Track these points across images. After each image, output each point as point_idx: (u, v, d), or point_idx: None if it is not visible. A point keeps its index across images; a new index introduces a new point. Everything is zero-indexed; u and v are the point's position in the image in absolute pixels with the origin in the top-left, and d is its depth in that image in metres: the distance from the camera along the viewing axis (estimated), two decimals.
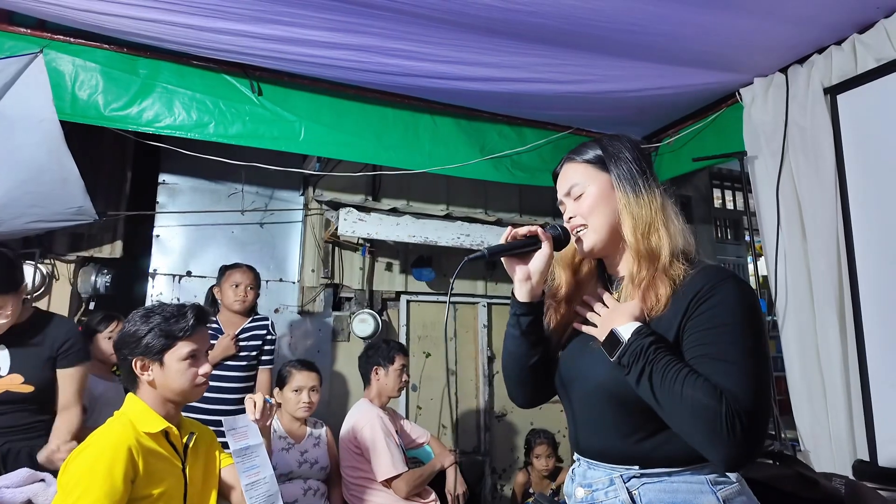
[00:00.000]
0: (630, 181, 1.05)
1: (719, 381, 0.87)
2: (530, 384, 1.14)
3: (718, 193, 4.94)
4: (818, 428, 2.19)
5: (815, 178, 2.24)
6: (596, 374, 1.02)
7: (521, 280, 1.06)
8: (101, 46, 2.27)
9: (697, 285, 0.94)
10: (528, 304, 1.07)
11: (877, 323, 2.02)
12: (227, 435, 1.49)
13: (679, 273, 0.98)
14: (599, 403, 1.02)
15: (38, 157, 2.24)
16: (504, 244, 1.05)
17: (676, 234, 1.03)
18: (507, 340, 1.14)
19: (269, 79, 2.52)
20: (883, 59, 2.04)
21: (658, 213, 1.03)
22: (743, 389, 0.86)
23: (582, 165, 1.09)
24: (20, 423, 1.76)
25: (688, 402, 0.87)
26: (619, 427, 0.99)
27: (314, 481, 2.33)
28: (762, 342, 0.92)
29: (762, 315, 0.96)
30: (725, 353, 0.89)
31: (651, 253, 1.00)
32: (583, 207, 1.07)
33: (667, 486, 0.95)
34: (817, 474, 1.39)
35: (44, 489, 1.45)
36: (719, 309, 0.92)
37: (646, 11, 1.97)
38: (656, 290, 0.98)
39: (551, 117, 3.02)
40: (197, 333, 1.41)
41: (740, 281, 0.96)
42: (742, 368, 0.88)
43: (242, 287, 2.53)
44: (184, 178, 3.09)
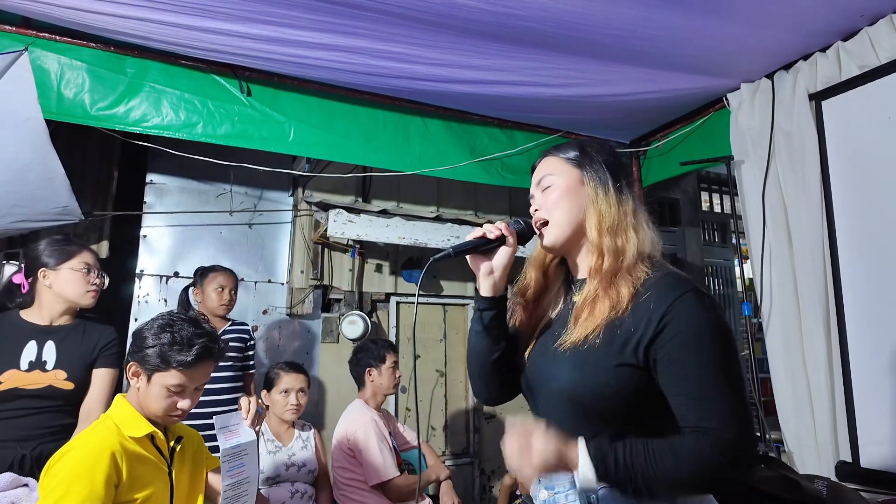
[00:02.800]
0: (601, 180, 1.06)
1: (704, 423, 0.89)
2: (493, 380, 1.15)
3: (706, 196, 4.99)
4: (802, 430, 2.22)
5: (800, 183, 2.27)
6: (557, 379, 1.02)
7: (485, 275, 1.07)
8: (88, 45, 2.24)
9: (660, 303, 0.94)
10: (490, 298, 1.08)
11: (860, 326, 2.05)
12: (218, 433, 1.48)
13: (641, 275, 0.99)
14: (560, 408, 1.02)
15: (22, 156, 2.21)
16: (469, 242, 1.06)
17: (645, 240, 1.04)
18: (470, 336, 1.14)
19: (258, 79, 2.50)
20: (866, 67, 2.08)
21: (627, 215, 1.04)
22: (728, 426, 0.88)
23: (558, 160, 1.10)
24: (53, 425, 1.75)
25: (691, 479, 0.89)
26: (579, 432, 0.97)
27: (302, 484, 2.32)
28: (734, 360, 0.93)
29: (727, 326, 0.96)
30: (704, 390, 0.90)
31: (616, 250, 1.01)
32: (549, 200, 1.08)
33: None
34: (800, 476, 1.41)
35: (27, 494, 1.43)
36: (687, 335, 0.92)
37: (634, 16, 1.99)
38: (618, 289, 0.98)
39: (541, 120, 3.04)
40: (193, 369, 1.37)
41: (700, 294, 0.96)
42: (722, 403, 0.90)
43: (227, 290, 2.50)
44: (171, 177, 3.06)
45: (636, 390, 0.95)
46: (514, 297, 1.18)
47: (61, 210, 2.50)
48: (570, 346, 1.00)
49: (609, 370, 0.95)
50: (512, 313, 1.17)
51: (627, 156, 3.29)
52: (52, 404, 1.76)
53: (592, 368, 0.96)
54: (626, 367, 0.95)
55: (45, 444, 1.72)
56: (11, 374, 1.71)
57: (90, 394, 1.81)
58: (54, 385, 1.75)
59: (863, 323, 2.04)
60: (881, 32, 2.04)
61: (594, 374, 0.96)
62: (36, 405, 1.74)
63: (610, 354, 0.95)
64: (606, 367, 0.95)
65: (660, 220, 4.45)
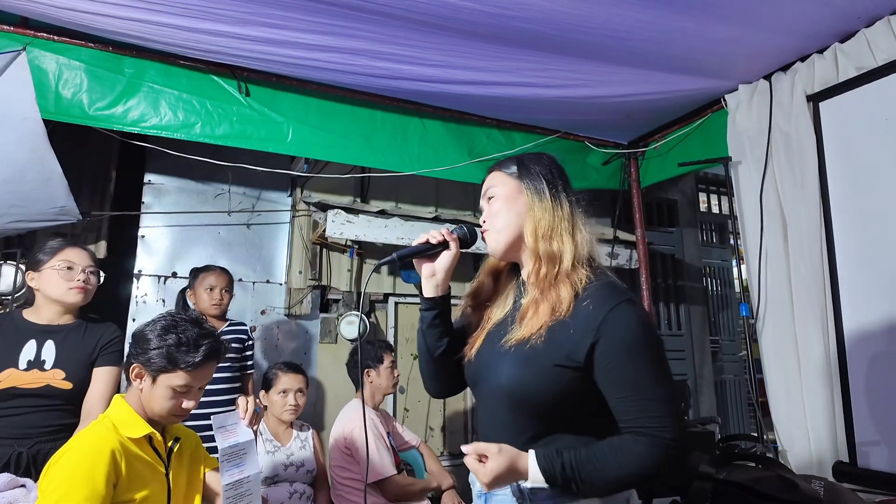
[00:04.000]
0: (537, 188, 1.13)
1: (641, 423, 0.98)
2: (439, 376, 1.24)
3: (704, 197, 5.00)
4: (798, 430, 2.23)
5: (797, 184, 2.28)
6: (497, 376, 1.09)
7: (428, 277, 1.16)
8: (86, 45, 2.24)
9: (597, 311, 1.00)
10: (432, 299, 1.17)
11: (856, 327, 2.06)
12: (216, 433, 1.48)
13: (581, 278, 1.05)
14: (499, 404, 1.09)
15: (20, 156, 2.21)
16: (412, 247, 1.15)
17: (582, 243, 1.10)
18: (417, 335, 1.23)
19: (256, 80, 2.50)
20: (863, 68, 2.08)
21: (563, 220, 1.11)
22: (663, 426, 0.97)
23: (501, 174, 1.18)
24: (51, 424, 1.75)
25: (631, 477, 0.97)
26: (513, 426, 1.07)
27: (300, 484, 2.32)
28: (664, 363, 1.03)
29: (657, 334, 1.05)
30: (640, 391, 0.98)
31: (551, 255, 1.07)
32: (491, 210, 1.16)
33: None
34: (797, 476, 1.41)
35: (24, 494, 1.43)
36: (625, 341, 0.99)
37: (632, 18, 1.99)
38: (557, 291, 1.04)
39: (539, 121, 3.04)
40: (199, 370, 1.38)
41: (634, 304, 1.03)
42: (656, 403, 0.98)
43: (218, 290, 2.48)
44: (170, 178, 3.06)
45: (571, 389, 1.02)
46: (467, 297, 1.27)
47: (59, 210, 2.49)
48: (514, 344, 1.06)
49: (547, 370, 1.02)
50: (463, 312, 1.27)
51: (562, 167, 3.31)
52: (50, 403, 1.75)
53: (532, 367, 1.03)
54: (563, 368, 1.01)
55: (42, 442, 1.72)
56: (10, 374, 1.71)
57: (91, 392, 1.80)
58: (52, 384, 1.75)
59: (860, 323, 2.05)
60: (878, 34, 2.05)
61: (533, 372, 1.03)
62: (33, 404, 1.73)
63: (549, 355, 1.02)
64: (545, 366, 1.02)
65: (658, 221, 4.46)
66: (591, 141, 3.25)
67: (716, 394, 4.40)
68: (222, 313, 2.53)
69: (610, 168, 3.36)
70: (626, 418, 0.99)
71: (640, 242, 3.32)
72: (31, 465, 1.68)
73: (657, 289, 4.26)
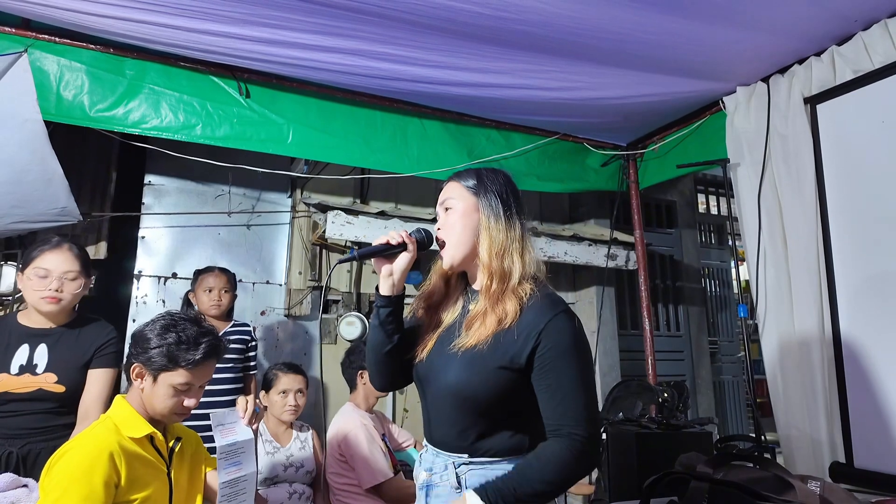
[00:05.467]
0: (493, 208, 1.20)
1: (561, 420, 1.10)
2: (386, 370, 1.30)
3: (703, 199, 5.01)
4: (796, 431, 2.24)
5: (795, 185, 2.29)
6: (446, 376, 1.17)
7: (385, 276, 1.22)
8: (87, 46, 2.25)
9: (539, 319, 1.12)
10: (388, 297, 1.23)
11: (853, 327, 2.07)
12: (215, 430, 1.49)
13: (526, 291, 1.15)
14: (445, 402, 1.19)
15: (21, 157, 2.22)
16: (373, 247, 1.21)
17: (530, 262, 1.20)
18: (368, 332, 1.30)
19: (256, 81, 2.51)
20: (860, 71, 2.10)
21: (515, 241, 1.20)
22: (578, 420, 1.09)
23: (459, 186, 1.24)
24: (43, 426, 1.74)
25: (554, 480, 1.08)
26: (457, 423, 1.17)
27: (300, 485, 2.32)
28: (590, 370, 1.16)
29: (587, 343, 1.18)
30: (565, 393, 1.10)
31: (502, 272, 1.16)
32: (448, 221, 1.23)
33: (487, 472, 1.14)
34: (794, 476, 1.42)
35: (27, 494, 1.43)
36: (559, 346, 1.11)
37: (630, 21, 2.00)
38: (504, 305, 1.14)
39: (538, 123, 3.05)
40: (200, 368, 1.39)
41: (571, 314, 1.15)
42: (578, 405, 1.10)
43: (216, 291, 2.49)
44: (170, 179, 3.07)
45: (510, 389, 1.13)
46: (418, 299, 1.34)
47: (60, 211, 2.50)
48: (461, 349, 1.16)
49: (491, 371, 1.12)
50: (414, 313, 1.34)
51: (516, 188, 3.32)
52: (43, 407, 1.75)
53: (477, 370, 1.13)
54: (505, 370, 1.12)
55: (34, 442, 1.72)
56: (2, 379, 1.70)
57: (88, 394, 1.79)
58: (44, 388, 1.73)
59: (857, 325, 2.06)
60: (875, 37, 2.06)
61: (478, 374, 1.13)
62: (26, 408, 1.73)
63: (493, 359, 1.12)
64: (489, 368, 1.12)
65: (657, 222, 4.47)
66: (589, 142, 3.27)
67: (714, 395, 4.41)
68: (223, 313, 2.53)
69: (609, 169, 3.37)
70: (548, 414, 1.11)
71: (639, 243, 3.33)
72: (22, 464, 1.69)
73: (656, 290, 4.27)
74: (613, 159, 3.35)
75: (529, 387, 1.14)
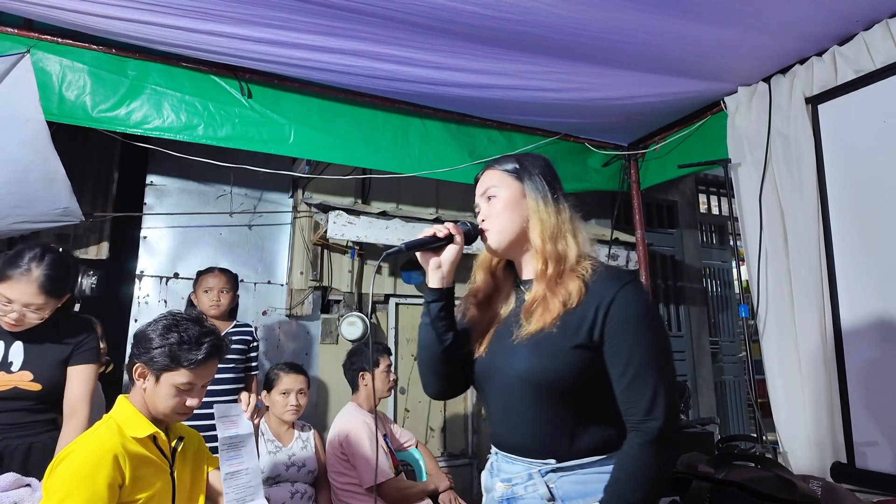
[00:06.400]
0: (541, 192, 1.15)
1: (633, 405, 1.02)
2: (441, 372, 1.20)
3: (704, 199, 5.01)
4: (797, 430, 2.24)
5: (796, 185, 2.29)
6: (515, 368, 1.09)
7: (434, 269, 1.15)
8: (90, 47, 2.25)
9: (607, 291, 1.05)
10: (438, 290, 1.16)
11: (855, 328, 2.07)
12: (218, 422, 1.49)
13: (587, 267, 1.10)
14: (517, 396, 1.09)
15: (23, 158, 2.22)
16: (420, 239, 1.15)
17: (584, 242, 1.15)
18: (420, 331, 1.21)
19: (258, 81, 2.51)
20: (862, 71, 2.09)
21: (566, 222, 1.15)
22: (653, 405, 1.00)
23: (499, 173, 1.19)
24: (20, 422, 1.72)
25: (652, 490, 1.01)
26: (537, 421, 1.07)
27: (301, 484, 2.33)
28: (662, 338, 1.07)
29: (658, 313, 1.11)
30: (637, 368, 1.02)
31: (557, 256, 1.10)
32: (494, 209, 1.16)
33: (580, 478, 1.04)
34: (795, 476, 1.42)
35: (30, 494, 1.44)
36: (630, 316, 1.04)
37: (631, 22, 2.00)
38: (566, 286, 1.07)
39: (540, 123, 3.05)
40: (202, 367, 1.39)
41: (640, 284, 1.09)
42: (649, 380, 1.01)
43: (215, 291, 2.49)
44: (172, 179, 3.07)
45: (591, 372, 1.04)
46: (467, 297, 1.27)
47: (62, 211, 2.51)
48: (525, 338, 1.08)
49: (566, 352, 1.04)
50: (465, 312, 1.26)
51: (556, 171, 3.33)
52: (20, 405, 1.72)
53: (550, 352, 1.05)
54: (581, 350, 1.04)
55: (11, 438, 1.70)
56: None
57: (72, 390, 1.76)
58: (20, 387, 1.70)
59: (858, 324, 2.06)
60: (876, 37, 2.06)
61: (552, 356, 1.04)
62: (2, 406, 1.69)
63: (566, 337, 1.04)
64: (563, 349, 1.04)
65: (658, 222, 4.47)
66: (591, 143, 3.27)
67: (715, 395, 4.41)
68: (223, 313, 2.53)
69: (610, 169, 3.37)
70: (622, 398, 1.03)
71: (640, 243, 3.33)
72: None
73: (657, 290, 4.27)
74: (615, 159, 3.35)
75: (605, 367, 1.06)
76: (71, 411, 1.74)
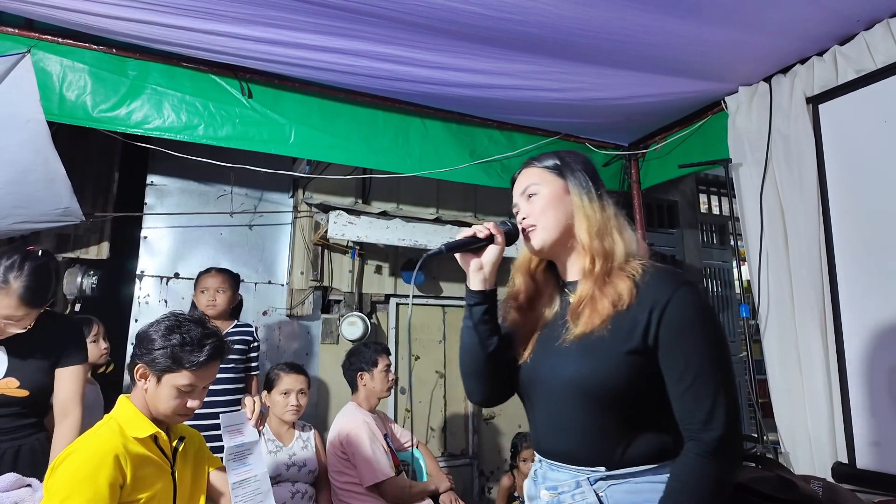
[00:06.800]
0: (584, 188, 1.11)
1: (691, 415, 0.97)
2: (486, 378, 1.16)
3: (705, 199, 5.01)
4: (798, 430, 2.24)
5: (797, 185, 2.29)
6: (562, 373, 1.04)
7: (475, 270, 1.11)
8: (90, 47, 2.25)
9: (661, 293, 0.99)
10: (480, 292, 1.11)
11: (856, 327, 2.07)
12: (224, 432, 1.49)
13: (636, 267, 1.04)
14: (565, 403, 1.04)
15: (24, 158, 2.22)
16: (460, 240, 1.10)
17: (631, 240, 1.09)
18: (462, 334, 1.16)
19: (259, 81, 2.51)
20: (863, 71, 2.09)
21: (611, 219, 1.10)
22: (712, 414, 0.95)
23: (539, 170, 1.15)
24: (8, 427, 1.72)
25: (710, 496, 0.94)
26: (585, 428, 1.02)
27: (302, 484, 2.33)
28: (721, 343, 1.01)
29: (716, 316, 1.04)
30: (694, 375, 0.96)
31: (605, 252, 1.06)
32: (535, 207, 1.12)
33: (632, 486, 0.99)
34: (796, 476, 1.42)
35: (30, 494, 1.44)
36: (687, 319, 0.98)
37: (632, 22, 2.00)
38: (615, 286, 1.02)
39: (540, 123, 3.05)
40: (203, 369, 1.39)
41: (695, 286, 1.03)
42: (707, 387, 0.96)
43: (211, 291, 2.49)
44: (172, 179, 3.07)
45: (641, 374, 0.99)
46: (506, 301, 1.22)
47: (62, 211, 2.51)
48: (573, 340, 1.03)
49: (618, 357, 0.99)
50: (505, 317, 1.20)
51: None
52: (8, 411, 1.71)
53: (601, 356, 1.00)
54: (635, 355, 0.98)
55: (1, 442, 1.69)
56: None
57: (62, 392, 1.75)
58: (6, 393, 1.69)
59: (859, 324, 2.06)
60: (877, 37, 2.06)
61: (603, 361, 0.99)
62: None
63: (618, 342, 0.99)
64: (615, 353, 0.99)
65: (658, 222, 4.47)
66: (591, 142, 3.27)
67: None
68: (221, 313, 2.51)
69: (610, 169, 3.37)
70: (678, 407, 0.98)
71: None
72: None
73: None
74: (615, 159, 3.35)
75: (661, 373, 1.00)
76: (63, 412, 1.73)
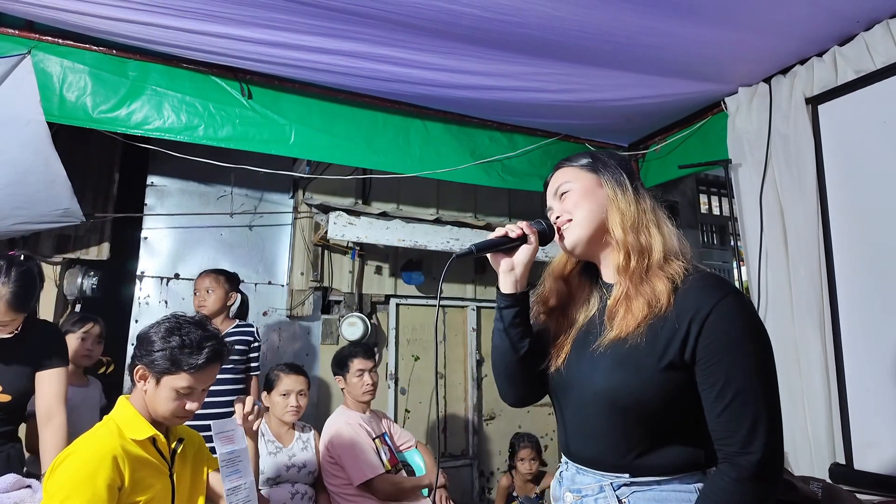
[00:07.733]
0: (618, 181, 1.06)
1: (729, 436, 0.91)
2: (519, 380, 1.13)
3: (705, 199, 5.02)
4: (797, 431, 2.23)
5: (796, 186, 2.29)
6: (594, 382, 1.00)
7: (506, 271, 1.07)
8: (90, 48, 2.25)
9: (703, 302, 0.93)
10: (511, 295, 1.07)
11: (855, 328, 2.07)
12: (215, 439, 1.49)
13: (678, 270, 0.98)
14: (595, 411, 1.00)
15: (24, 159, 2.23)
16: (491, 240, 1.06)
17: (670, 236, 1.03)
18: (494, 337, 1.13)
19: (259, 82, 2.52)
20: (862, 71, 2.09)
21: (647, 213, 1.04)
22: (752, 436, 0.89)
23: (572, 168, 1.11)
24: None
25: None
26: (613, 437, 0.99)
27: (302, 485, 2.33)
28: (767, 360, 0.94)
29: (764, 330, 0.96)
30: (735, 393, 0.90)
31: (640, 247, 1.00)
32: (568, 203, 1.08)
33: (656, 494, 0.96)
34: (795, 478, 1.42)
35: (30, 495, 1.44)
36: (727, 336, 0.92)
37: (631, 23, 2.00)
38: (652, 285, 0.96)
39: (541, 124, 3.05)
40: (203, 372, 1.38)
41: (743, 296, 0.96)
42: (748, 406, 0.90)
43: (202, 291, 2.49)
44: (172, 179, 3.08)
45: (676, 390, 0.94)
46: (536, 305, 1.17)
47: (63, 212, 2.51)
48: (608, 346, 0.98)
49: (653, 371, 0.94)
50: (535, 319, 1.16)
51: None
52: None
53: (637, 369, 0.95)
54: (670, 370, 0.93)
55: None
56: None
57: (45, 395, 1.75)
58: None
59: (858, 325, 2.06)
60: (877, 37, 2.06)
61: (636, 374, 0.95)
62: None
63: (653, 354, 0.94)
64: (649, 366, 0.94)
65: None
66: (591, 143, 3.27)
67: None
68: (212, 313, 2.47)
69: None
70: (714, 427, 0.93)
71: None
72: None
73: None
74: None
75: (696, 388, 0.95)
76: (47, 415, 1.73)
